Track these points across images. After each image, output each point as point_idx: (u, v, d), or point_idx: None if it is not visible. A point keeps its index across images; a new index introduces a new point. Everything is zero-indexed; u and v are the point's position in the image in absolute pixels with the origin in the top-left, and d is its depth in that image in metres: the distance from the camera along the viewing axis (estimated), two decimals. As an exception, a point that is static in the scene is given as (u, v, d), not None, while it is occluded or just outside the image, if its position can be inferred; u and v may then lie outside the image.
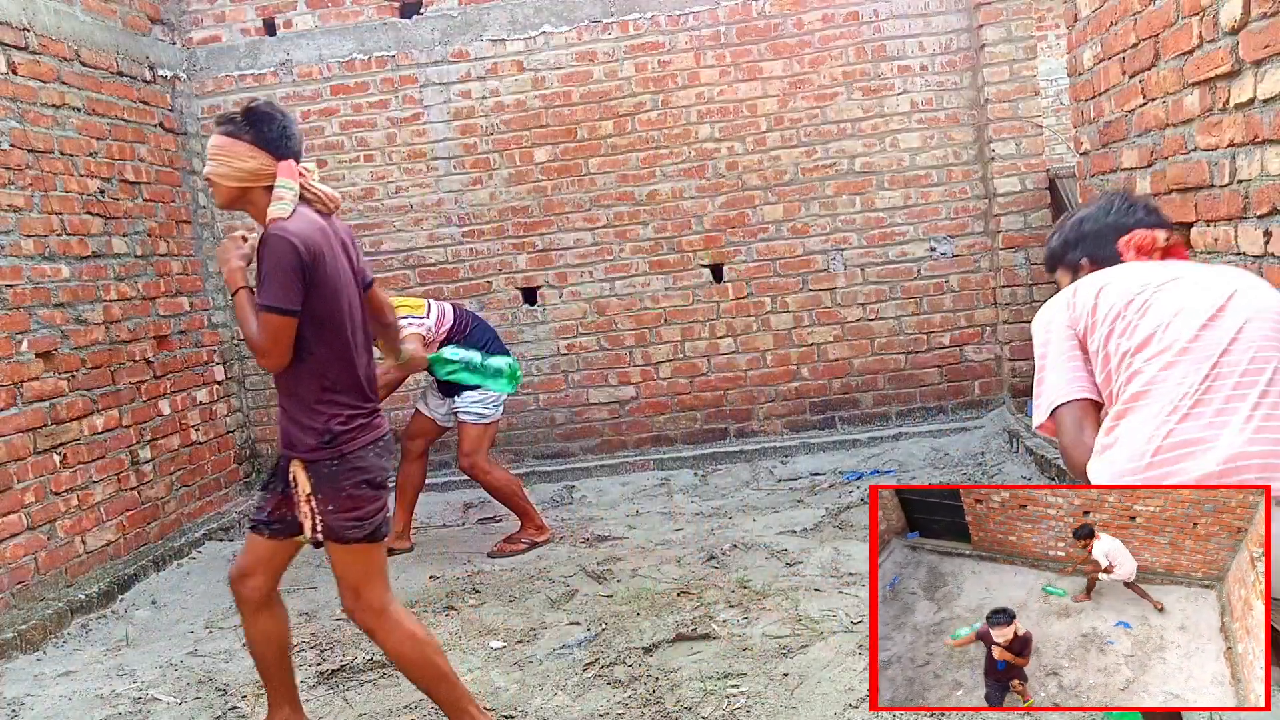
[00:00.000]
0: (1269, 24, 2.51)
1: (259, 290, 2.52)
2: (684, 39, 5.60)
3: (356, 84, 5.73)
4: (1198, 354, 1.87)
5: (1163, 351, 1.90)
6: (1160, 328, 1.93)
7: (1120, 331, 2.00)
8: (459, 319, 4.67)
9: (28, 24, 4.41)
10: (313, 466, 2.58)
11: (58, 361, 4.38)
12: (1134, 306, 2.00)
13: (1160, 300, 1.98)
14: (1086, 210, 2.37)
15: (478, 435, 4.62)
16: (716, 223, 5.68)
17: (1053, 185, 5.46)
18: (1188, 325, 1.91)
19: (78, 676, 3.65)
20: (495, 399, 4.63)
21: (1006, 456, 5.22)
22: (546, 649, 3.44)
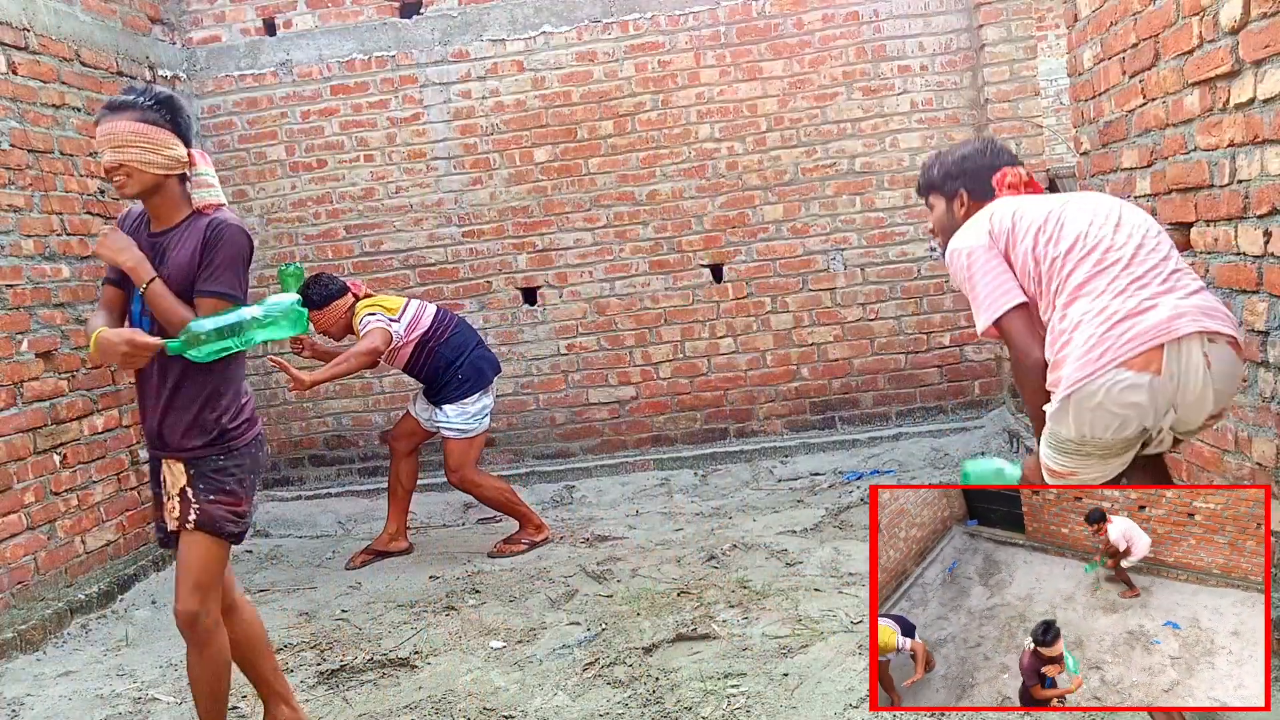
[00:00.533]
0: (1269, 24, 2.50)
1: (214, 278, 2.55)
2: (684, 39, 5.60)
3: (356, 84, 5.73)
4: (1120, 247, 2.24)
5: (1092, 250, 2.25)
6: (1082, 234, 2.27)
7: (1046, 240, 2.31)
8: (438, 321, 4.62)
9: (28, 24, 4.41)
10: (198, 462, 2.59)
11: (58, 361, 4.38)
12: (1052, 220, 2.33)
13: (1072, 214, 2.33)
14: (966, 150, 2.71)
15: (462, 450, 4.58)
16: (716, 223, 5.68)
17: (1053, 185, 5.45)
18: (1105, 228, 2.28)
19: (78, 676, 3.65)
20: (478, 411, 4.59)
21: (1007, 457, 5.22)
22: (546, 649, 3.44)
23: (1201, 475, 3.21)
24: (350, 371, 4.53)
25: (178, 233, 2.61)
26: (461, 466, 4.58)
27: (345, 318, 4.58)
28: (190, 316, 2.52)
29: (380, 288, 5.79)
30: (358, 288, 4.69)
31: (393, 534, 4.76)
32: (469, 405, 4.57)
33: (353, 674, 3.42)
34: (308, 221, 5.82)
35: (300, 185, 5.81)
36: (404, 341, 4.54)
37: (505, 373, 5.79)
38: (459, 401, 4.56)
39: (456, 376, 4.56)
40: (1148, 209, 3.44)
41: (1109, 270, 2.21)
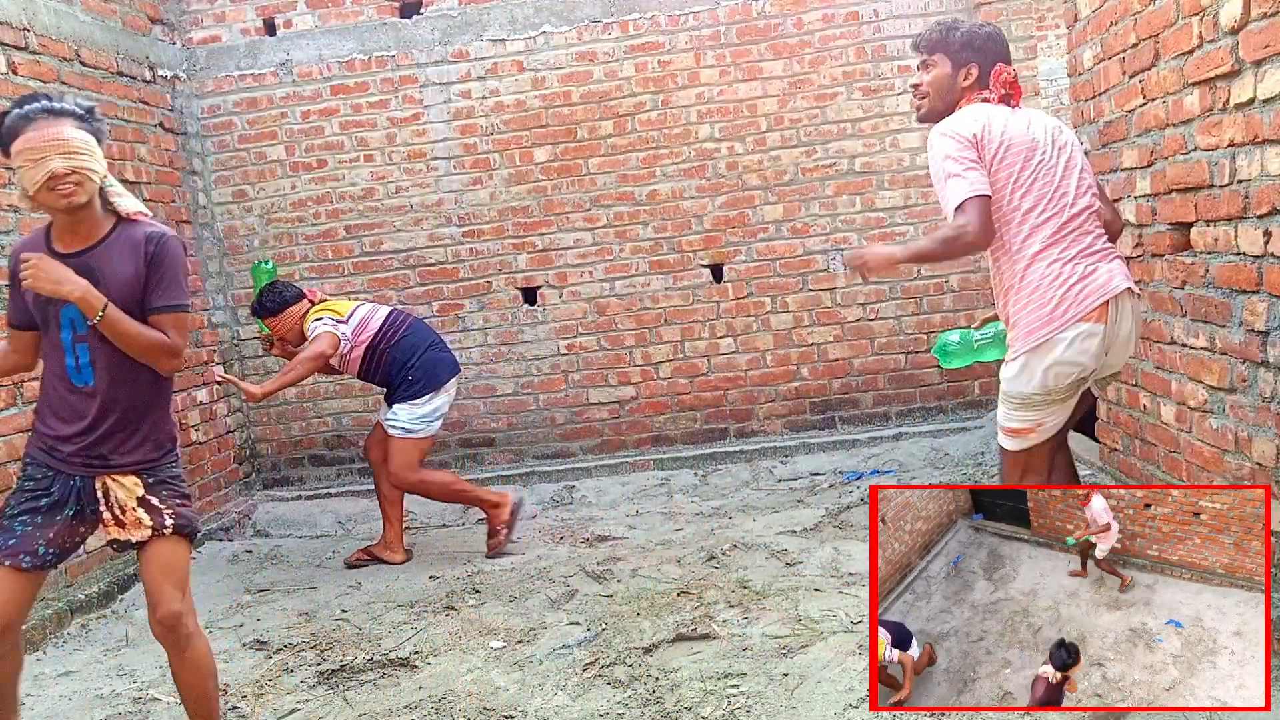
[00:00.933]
0: (1269, 24, 2.51)
1: (168, 292, 2.54)
2: (684, 39, 5.60)
3: (356, 84, 5.73)
4: (1077, 215, 2.63)
5: (1054, 216, 2.61)
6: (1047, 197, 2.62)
7: (1016, 188, 2.63)
8: (389, 324, 4.53)
9: (28, 24, 4.41)
10: (154, 470, 2.61)
11: (58, 361, 4.38)
12: (1028, 172, 2.63)
13: (1044, 171, 2.64)
14: (988, 29, 2.84)
15: (406, 450, 4.47)
16: (716, 223, 5.68)
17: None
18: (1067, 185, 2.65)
19: (78, 676, 3.65)
20: (428, 413, 4.49)
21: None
22: (546, 649, 3.44)
23: (1201, 475, 3.22)
24: (300, 378, 4.46)
25: (105, 248, 2.53)
26: (403, 468, 4.47)
27: (301, 324, 4.51)
28: (158, 337, 2.51)
29: (380, 287, 5.80)
30: (314, 294, 4.62)
31: (389, 543, 4.70)
32: (419, 406, 4.46)
33: (353, 674, 3.41)
34: (308, 221, 5.82)
35: (300, 185, 5.81)
36: (353, 345, 4.45)
37: (505, 373, 5.80)
38: (409, 401, 4.46)
39: (407, 377, 4.46)
40: (1147, 209, 3.44)
41: (1065, 239, 2.59)
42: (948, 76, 2.82)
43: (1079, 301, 2.53)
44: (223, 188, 5.85)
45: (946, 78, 2.82)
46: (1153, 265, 3.47)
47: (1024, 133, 2.68)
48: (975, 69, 2.79)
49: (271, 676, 3.47)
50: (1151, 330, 3.54)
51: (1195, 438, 3.25)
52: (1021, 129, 2.68)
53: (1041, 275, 2.56)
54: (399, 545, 4.70)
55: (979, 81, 2.79)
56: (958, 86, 2.80)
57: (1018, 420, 2.62)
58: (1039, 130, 2.70)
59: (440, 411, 4.55)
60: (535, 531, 5.00)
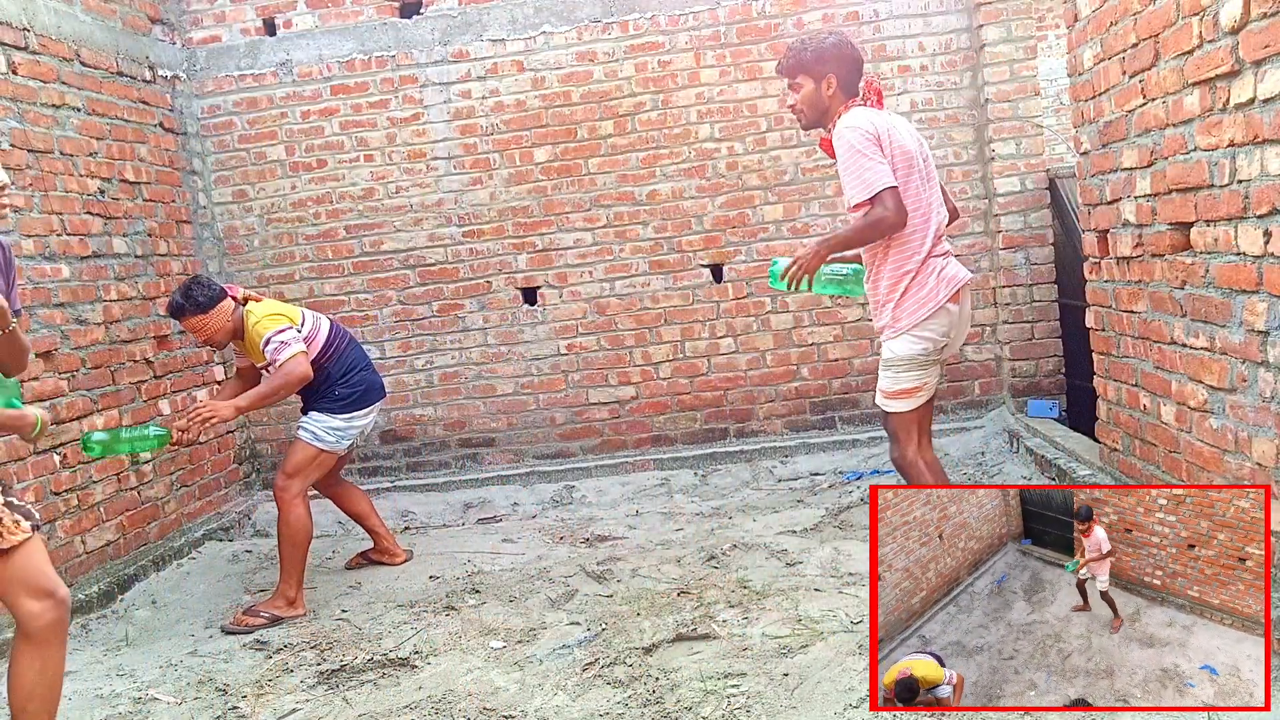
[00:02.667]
0: (1269, 24, 2.51)
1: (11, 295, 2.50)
2: (684, 39, 5.60)
3: (356, 84, 5.73)
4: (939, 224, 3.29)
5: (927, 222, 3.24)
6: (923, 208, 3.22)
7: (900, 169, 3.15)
8: (334, 337, 4.25)
9: (28, 24, 4.41)
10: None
11: (58, 361, 4.38)
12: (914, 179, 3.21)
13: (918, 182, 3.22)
14: (831, 39, 3.28)
15: (304, 459, 4.15)
16: (716, 223, 5.68)
17: (1053, 185, 5.46)
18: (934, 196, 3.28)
19: (78, 676, 3.65)
20: (343, 427, 4.21)
21: (1006, 456, 5.22)
22: (546, 649, 3.44)
23: (1201, 475, 3.21)
24: (281, 398, 4.19)
25: None
26: (295, 474, 4.13)
27: (231, 323, 4.09)
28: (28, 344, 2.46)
29: (380, 287, 5.80)
30: (234, 290, 4.20)
31: (383, 549, 4.60)
32: (335, 419, 4.19)
33: (353, 674, 3.41)
34: (308, 221, 5.82)
35: (300, 185, 5.81)
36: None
37: (505, 373, 5.80)
38: (331, 413, 4.18)
39: (337, 391, 4.19)
40: (1147, 209, 3.45)
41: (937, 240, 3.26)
42: (814, 91, 3.29)
43: (948, 287, 3.24)
44: (223, 188, 5.85)
45: (813, 92, 3.30)
46: (1153, 265, 3.47)
47: (906, 142, 3.21)
48: (834, 78, 3.26)
49: (271, 676, 3.47)
50: (1151, 330, 3.54)
51: (1195, 438, 3.25)
52: (905, 138, 3.21)
53: (922, 267, 3.22)
54: (393, 549, 4.62)
55: (842, 88, 3.28)
56: (824, 96, 3.29)
57: (909, 380, 3.29)
58: (912, 140, 3.25)
59: (356, 432, 4.28)
60: (535, 531, 5.00)
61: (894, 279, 3.24)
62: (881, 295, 3.29)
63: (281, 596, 4.05)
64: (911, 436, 3.33)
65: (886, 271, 3.26)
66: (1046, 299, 5.49)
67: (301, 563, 4.09)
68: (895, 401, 3.32)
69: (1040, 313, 5.50)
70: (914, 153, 3.21)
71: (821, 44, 3.27)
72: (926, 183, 3.25)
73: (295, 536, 4.07)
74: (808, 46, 3.28)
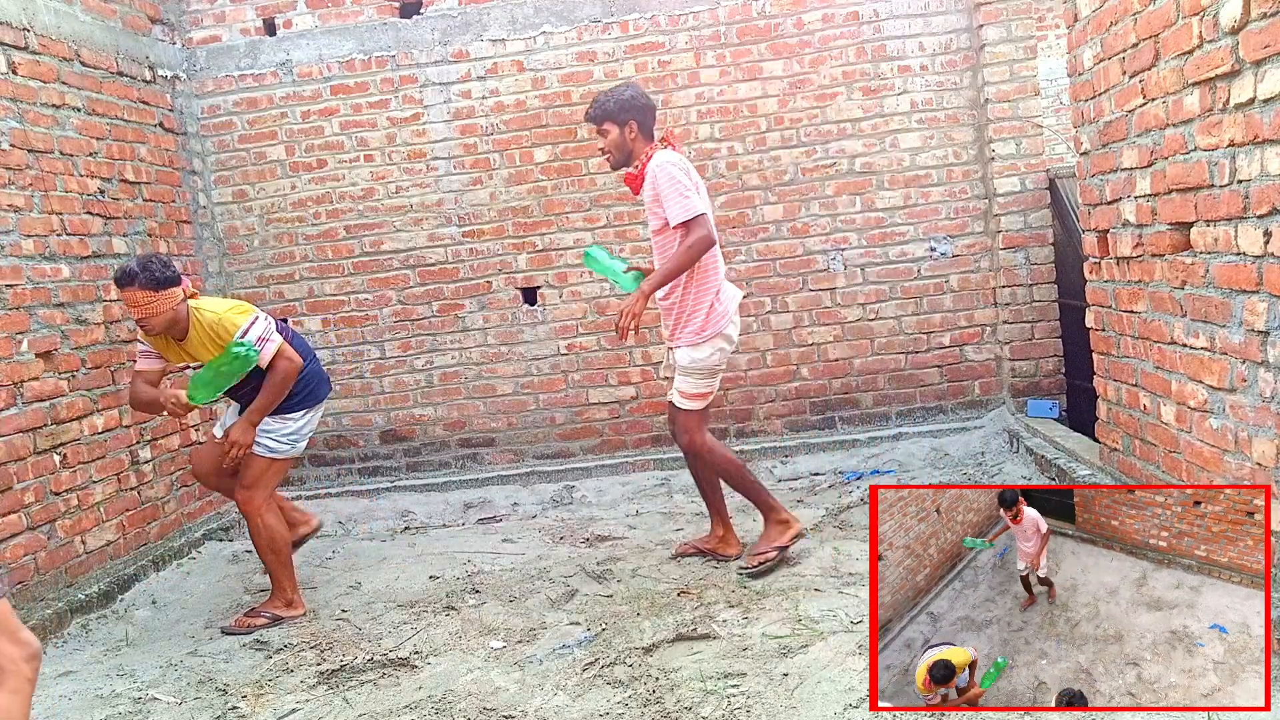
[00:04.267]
0: (1269, 24, 2.51)
1: None
2: (684, 39, 5.60)
3: (356, 84, 5.73)
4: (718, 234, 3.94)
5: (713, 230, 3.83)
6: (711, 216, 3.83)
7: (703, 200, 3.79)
8: (282, 331, 4.07)
9: (28, 24, 4.41)
10: None
11: (58, 361, 4.38)
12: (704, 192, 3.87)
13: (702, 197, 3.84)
14: (630, 91, 3.88)
15: (261, 469, 4.00)
16: (717, 223, 5.65)
17: (1053, 185, 5.46)
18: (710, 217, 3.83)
19: (78, 676, 3.65)
20: (298, 429, 4.05)
21: (1006, 456, 5.22)
22: (546, 649, 3.44)
23: (1202, 475, 3.21)
24: (282, 397, 3.99)
25: None
26: (254, 486, 3.99)
27: (174, 312, 3.80)
28: None
29: (380, 287, 5.80)
30: (187, 284, 3.90)
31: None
32: (291, 420, 4.04)
33: (353, 674, 3.42)
34: (308, 221, 5.82)
35: (300, 185, 5.81)
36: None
37: (505, 373, 5.80)
38: (282, 415, 4.01)
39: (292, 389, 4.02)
40: (1147, 209, 3.45)
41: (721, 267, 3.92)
42: (619, 136, 3.85)
43: (733, 307, 3.90)
44: (223, 188, 5.85)
45: (618, 137, 3.85)
46: (1153, 265, 3.47)
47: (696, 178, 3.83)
48: (635, 124, 3.83)
49: (271, 676, 3.47)
50: (1151, 330, 3.54)
51: (1195, 438, 3.25)
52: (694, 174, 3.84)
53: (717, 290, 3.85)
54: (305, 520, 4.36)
55: (643, 133, 3.85)
56: (627, 140, 3.85)
57: (704, 386, 3.92)
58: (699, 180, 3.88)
59: (309, 431, 4.14)
60: (535, 531, 5.00)
61: (699, 294, 3.83)
62: (688, 308, 3.85)
63: (279, 598, 4.05)
64: (702, 426, 3.99)
65: (693, 289, 3.83)
66: (1046, 299, 5.49)
67: (287, 565, 4.06)
68: (693, 401, 3.94)
69: (1040, 313, 5.50)
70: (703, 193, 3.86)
71: (621, 95, 3.84)
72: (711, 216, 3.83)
73: (272, 544, 4.02)
74: (610, 98, 3.85)
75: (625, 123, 3.83)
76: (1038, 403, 5.40)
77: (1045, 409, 5.36)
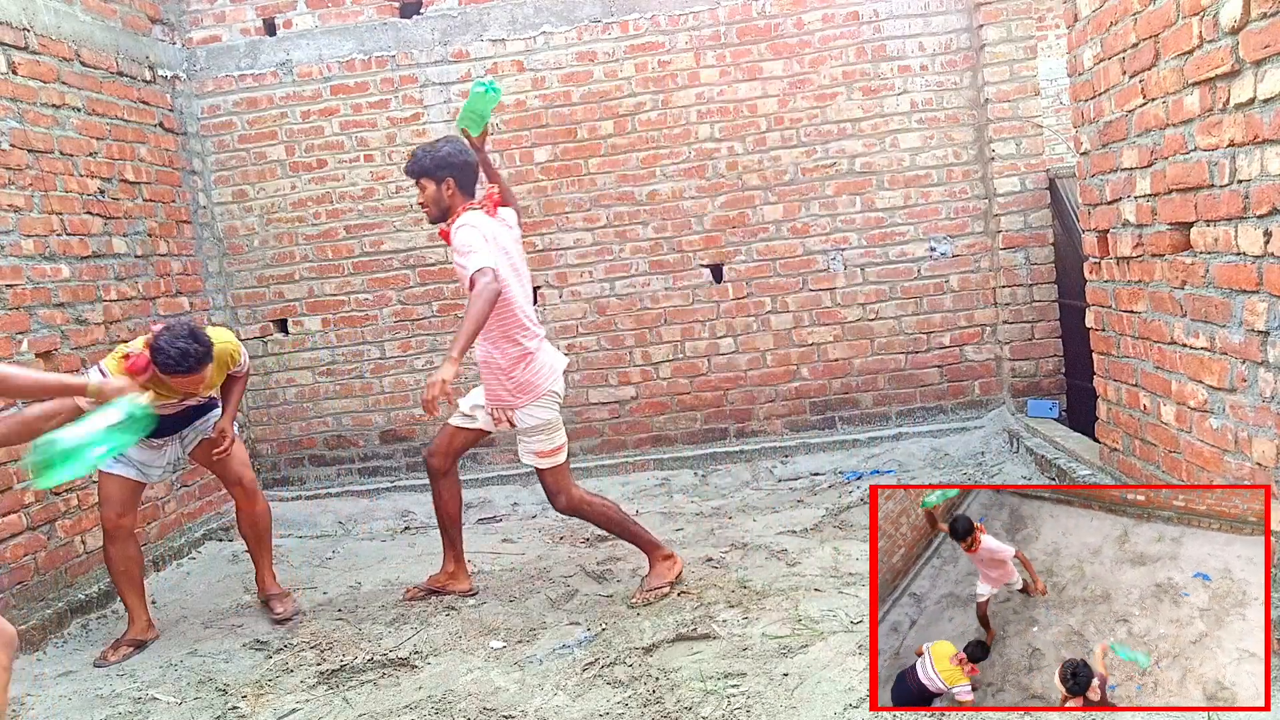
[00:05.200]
0: (1269, 24, 2.51)
1: None
2: (684, 39, 5.60)
3: (356, 84, 5.73)
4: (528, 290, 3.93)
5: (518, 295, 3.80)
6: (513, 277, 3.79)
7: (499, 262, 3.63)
8: None
9: (28, 24, 4.41)
10: None
11: (58, 361, 4.38)
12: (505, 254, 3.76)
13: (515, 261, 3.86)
14: (448, 148, 3.79)
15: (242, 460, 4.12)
16: (716, 223, 5.68)
17: (1053, 185, 5.46)
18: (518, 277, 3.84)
19: (78, 676, 3.65)
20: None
21: (1006, 456, 5.22)
22: (546, 649, 3.44)
23: (1202, 475, 3.22)
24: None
25: None
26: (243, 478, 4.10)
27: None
28: None
29: (380, 287, 5.80)
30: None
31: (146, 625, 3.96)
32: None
33: (353, 674, 3.42)
34: (308, 221, 5.82)
35: (300, 185, 5.81)
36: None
37: (505, 373, 5.80)
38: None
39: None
40: (1147, 209, 3.45)
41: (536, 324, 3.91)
42: (435, 192, 3.78)
43: (558, 370, 3.90)
44: (223, 188, 5.85)
45: (435, 193, 3.79)
46: (1153, 265, 3.47)
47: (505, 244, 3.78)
48: (452, 181, 3.76)
49: (271, 676, 3.47)
50: (1151, 330, 3.54)
51: (1195, 438, 3.25)
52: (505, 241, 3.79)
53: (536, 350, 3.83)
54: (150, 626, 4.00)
55: (460, 189, 3.78)
56: (444, 196, 3.78)
57: (558, 439, 3.85)
58: (510, 240, 3.84)
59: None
60: (535, 531, 5.00)
61: (508, 346, 3.77)
62: (506, 366, 3.79)
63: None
64: (571, 481, 3.88)
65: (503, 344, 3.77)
66: (1046, 299, 5.49)
67: (267, 554, 4.19)
68: (550, 459, 3.83)
69: (1040, 313, 5.50)
70: (512, 254, 3.82)
71: (438, 152, 3.77)
72: (518, 277, 3.83)
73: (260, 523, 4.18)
74: (428, 154, 3.78)
75: (442, 179, 3.75)
76: (1038, 403, 5.40)
77: (1045, 409, 5.36)
